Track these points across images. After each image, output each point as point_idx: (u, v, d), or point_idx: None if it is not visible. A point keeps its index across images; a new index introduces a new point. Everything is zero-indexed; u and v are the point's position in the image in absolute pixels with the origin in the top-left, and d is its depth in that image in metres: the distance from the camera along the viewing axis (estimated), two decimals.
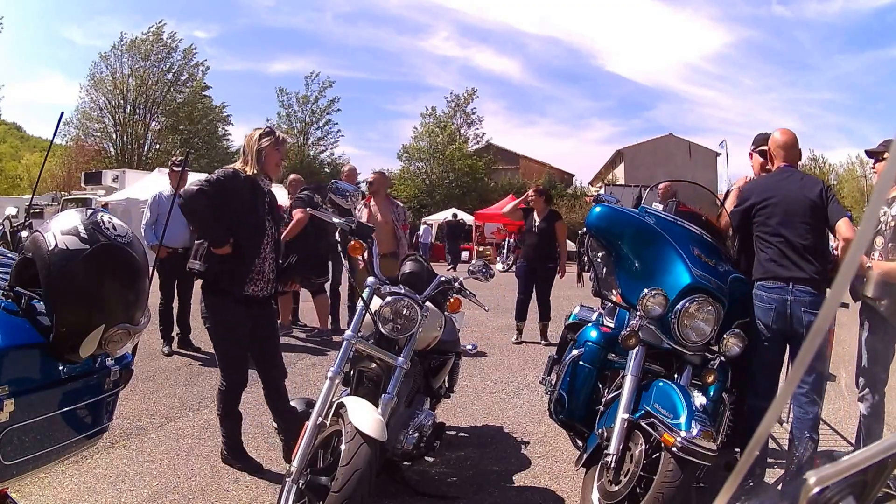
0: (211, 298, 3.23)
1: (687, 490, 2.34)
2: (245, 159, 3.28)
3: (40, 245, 1.74)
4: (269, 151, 3.26)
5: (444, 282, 3.08)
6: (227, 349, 3.24)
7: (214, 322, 3.22)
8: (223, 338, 3.23)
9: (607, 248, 3.01)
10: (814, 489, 0.58)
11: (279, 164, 3.37)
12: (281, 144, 3.33)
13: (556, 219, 6.99)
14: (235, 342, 3.22)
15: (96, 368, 2.00)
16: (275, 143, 3.28)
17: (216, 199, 3.14)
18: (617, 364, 2.99)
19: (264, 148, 3.24)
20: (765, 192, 3.15)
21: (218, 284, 3.21)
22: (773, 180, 3.21)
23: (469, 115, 35.97)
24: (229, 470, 3.26)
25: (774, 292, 2.99)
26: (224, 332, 3.21)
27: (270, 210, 3.36)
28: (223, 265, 3.17)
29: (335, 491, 2.24)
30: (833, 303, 0.56)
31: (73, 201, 16.85)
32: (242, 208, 3.19)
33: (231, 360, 3.24)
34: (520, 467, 3.48)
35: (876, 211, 0.56)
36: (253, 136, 3.28)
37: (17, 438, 1.68)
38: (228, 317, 3.19)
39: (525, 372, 5.67)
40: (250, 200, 3.22)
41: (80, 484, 3.02)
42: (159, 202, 5.79)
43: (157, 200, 5.83)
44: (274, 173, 3.37)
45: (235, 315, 3.19)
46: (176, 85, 33.76)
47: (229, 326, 3.20)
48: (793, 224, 3.03)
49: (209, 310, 3.23)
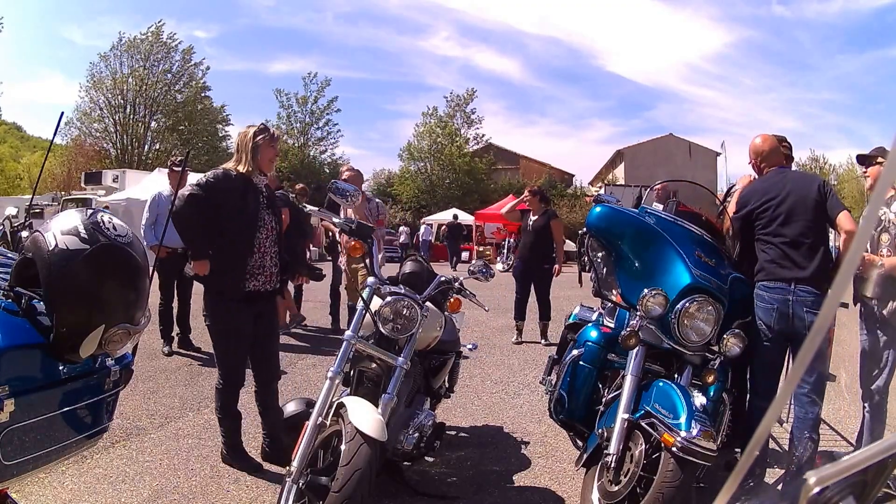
0: (210, 297, 3.24)
1: (687, 490, 2.34)
2: (238, 156, 3.28)
3: (40, 245, 1.74)
4: (264, 148, 3.27)
5: (444, 282, 3.08)
6: (225, 348, 3.25)
7: (214, 321, 3.23)
8: (222, 336, 3.24)
9: (607, 248, 3.01)
10: (814, 489, 0.58)
11: (273, 160, 3.40)
12: (275, 141, 3.35)
13: (551, 218, 7.01)
14: (234, 341, 3.22)
15: (96, 368, 2.01)
16: (269, 139, 3.30)
17: (207, 203, 3.14)
18: (617, 364, 2.99)
19: (259, 145, 3.25)
20: (764, 194, 3.15)
21: (217, 284, 3.21)
22: (770, 182, 3.21)
23: (469, 115, 36.00)
24: (229, 470, 3.26)
25: (776, 292, 2.99)
26: (223, 330, 3.22)
27: (270, 204, 3.35)
28: (219, 266, 3.17)
29: (335, 491, 2.24)
30: (833, 302, 0.56)
31: (74, 201, 16.86)
32: (234, 206, 3.19)
33: (229, 359, 3.24)
34: (520, 467, 3.48)
35: (876, 211, 0.56)
36: (247, 133, 3.28)
37: (18, 438, 1.68)
38: (228, 315, 3.19)
39: (525, 372, 5.67)
40: (242, 198, 3.22)
41: (81, 484, 3.02)
42: (158, 202, 5.78)
43: (156, 201, 5.83)
44: (268, 169, 3.39)
45: (235, 313, 3.19)
46: (176, 84, 33.77)
47: (228, 325, 3.20)
48: (793, 223, 3.03)
49: (209, 308, 3.24)
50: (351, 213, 6.11)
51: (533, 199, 7.01)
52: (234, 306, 3.18)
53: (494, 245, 23.11)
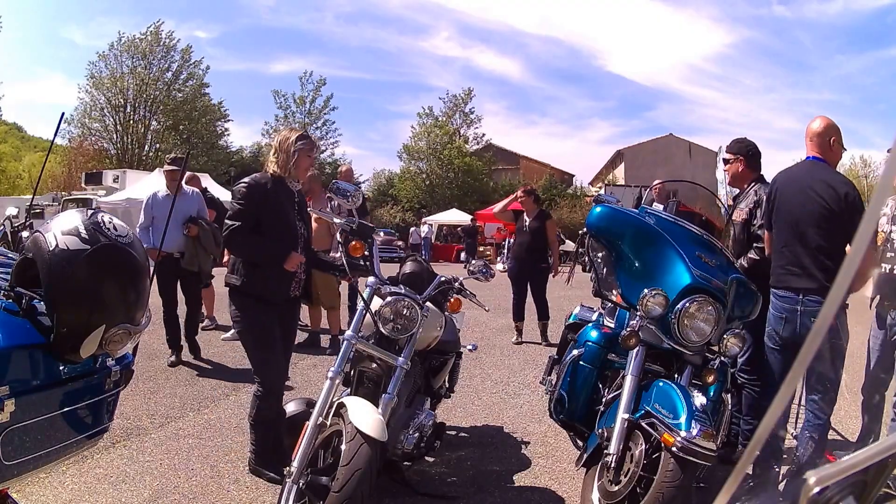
0: (242, 302, 3.15)
1: (687, 490, 2.34)
2: (277, 158, 3.24)
3: (41, 245, 1.74)
4: (302, 156, 3.23)
5: (445, 282, 3.08)
6: (263, 355, 3.14)
7: (248, 326, 3.14)
8: (258, 342, 3.14)
9: (608, 248, 3.01)
10: (814, 489, 0.58)
11: (308, 169, 3.36)
12: (313, 150, 3.35)
13: (546, 218, 6.99)
14: (270, 346, 3.14)
15: (97, 368, 2.00)
16: (308, 148, 3.27)
17: (249, 224, 3.09)
18: (617, 364, 3.00)
19: (299, 150, 3.21)
20: (783, 189, 3.03)
21: (256, 291, 3.12)
22: (793, 177, 3.05)
23: (468, 114, 36.01)
24: (230, 470, 3.26)
25: (786, 301, 2.96)
26: (259, 335, 3.13)
27: (300, 210, 3.32)
28: (265, 273, 3.10)
29: (335, 491, 2.24)
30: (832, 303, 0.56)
31: (74, 201, 16.87)
32: (276, 214, 3.15)
33: (268, 365, 3.14)
34: (520, 467, 3.48)
35: (877, 211, 0.56)
36: (289, 137, 3.25)
37: (18, 438, 1.68)
38: (262, 320, 3.12)
39: (525, 372, 5.68)
40: (281, 204, 3.18)
41: (81, 484, 3.02)
42: (153, 204, 5.58)
43: (150, 203, 5.61)
44: (302, 177, 3.35)
45: (268, 318, 3.12)
46: (175, 84, 33.77)
47: (263, 330, 3.12)
48: (805, 231, 2.90)
49: (241, 313, 3.14)
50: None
51: (527, 199, 6.99)
52: (265, 309, 3.12)
53: (494, 245, 23.12)
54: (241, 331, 3.22)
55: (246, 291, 3.14)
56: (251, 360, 3.21)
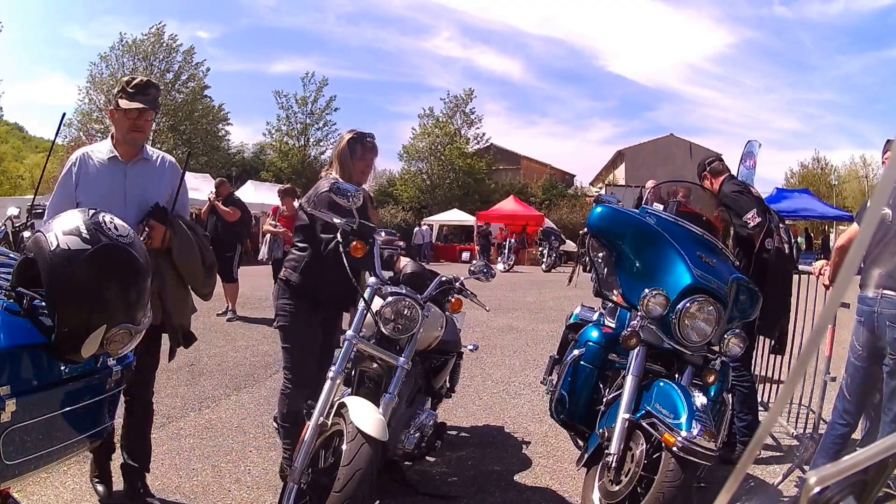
0: (289, 300, 3.10)
1: (687, 490, 2.34)
2: (333, 162, 3.24)
3: (42, 245, 1.74)
4: (356, 158, 3.19)
5: (445, 282, 3.08)
6: (299, 355, 3.09)
7: (290, 323, 3.10)
8: (297, 341, 3.09)
9: (608, 248, 3.01)
10: (814, 489, 0.58)
11: (365, 172, 3.28)
12: (367, 152, 3.24)
13: None
14: (308, 345, 3.11)
15: (98, 368, 2.01)
16: (361, 149, 3.21)
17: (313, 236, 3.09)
18: (618, 364, 2.99)
19: (350, 153, 3.18)
20: None
21: (311, 295, 3.08)
22: None
23: (469, 115, 35.95)
24: (231, 470, 3.27)
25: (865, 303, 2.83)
26: (300, 334, 3.09)
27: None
28: (324, 278, 3.03)
29: (336, 491, 2.24)
30: (833, 303, 0.56)
31: None
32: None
33: (299, 363, 3.10)
34: (521, 467, 3.48)
35: (878, 210, 0.56)
36: (343, 138, 3.23)
37: (19, 438, 1.68)
38: (305, 320, 3.09)
39: (526, 372, 5.68)
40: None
41: (82, 484, 3.02)
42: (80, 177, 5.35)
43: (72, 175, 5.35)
44: (361, 180, 3.25)
45: (312, 318, 3.10)
46: (176, 84, 33.78)
47: (305, 329, 3.09)
48: None
49: (289, 312, 3.10)
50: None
51: None
52: (309, 308, 3.09)
53: (495, 245, 23.10)
54: (283, 325, 3.14)
55: (304, 294, 3.08)
56: (283, 353, 3.15)
